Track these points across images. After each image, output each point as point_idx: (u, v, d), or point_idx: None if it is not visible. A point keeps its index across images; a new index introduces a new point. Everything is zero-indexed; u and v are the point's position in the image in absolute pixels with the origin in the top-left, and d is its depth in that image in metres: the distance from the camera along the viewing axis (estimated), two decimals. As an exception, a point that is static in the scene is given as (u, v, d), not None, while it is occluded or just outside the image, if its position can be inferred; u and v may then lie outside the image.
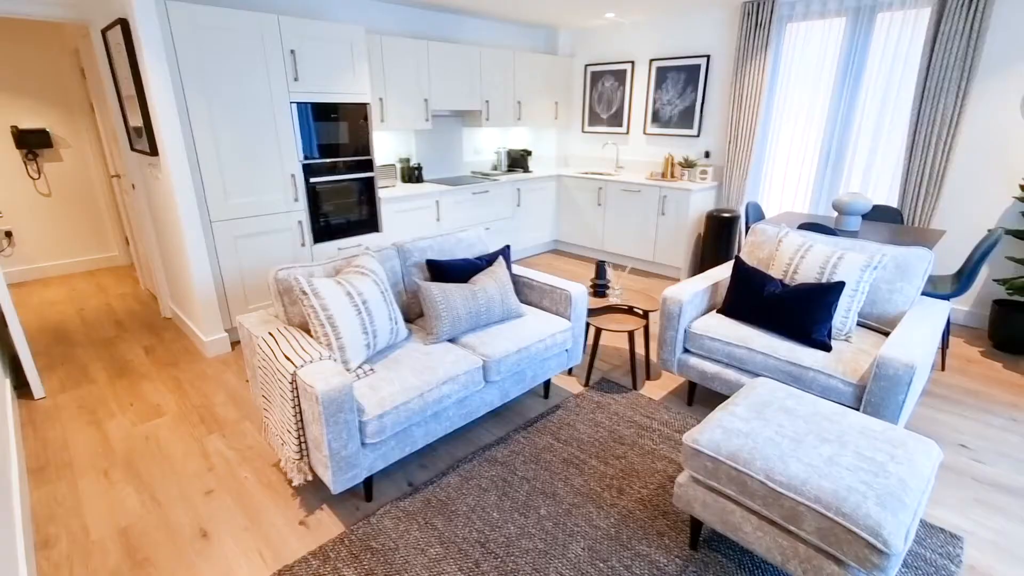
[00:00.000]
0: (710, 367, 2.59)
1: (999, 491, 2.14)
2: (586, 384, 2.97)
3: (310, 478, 2.00)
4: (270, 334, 2.08)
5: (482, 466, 2.30)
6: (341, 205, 3.78)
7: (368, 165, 3.84)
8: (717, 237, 4.63)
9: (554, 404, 2.78)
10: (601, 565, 1.80)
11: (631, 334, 2.82)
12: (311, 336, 2.14)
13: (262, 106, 3.21)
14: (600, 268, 3.15)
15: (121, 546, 1.89)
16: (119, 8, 2.89)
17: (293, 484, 2.15)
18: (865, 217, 3.86)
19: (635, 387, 2.94)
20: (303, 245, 3.61)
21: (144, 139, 3.16)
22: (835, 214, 4.21)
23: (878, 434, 1.69)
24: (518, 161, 5.51)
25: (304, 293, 2.02)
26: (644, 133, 5.43)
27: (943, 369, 3.14)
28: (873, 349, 2.32)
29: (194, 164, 3.04)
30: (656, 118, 5.30)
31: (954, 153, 3.67)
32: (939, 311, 2.42)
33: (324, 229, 3.73)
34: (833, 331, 2.40)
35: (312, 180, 3.57)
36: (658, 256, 4.97)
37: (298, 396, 1.88)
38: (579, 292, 2.70)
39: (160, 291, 3.87)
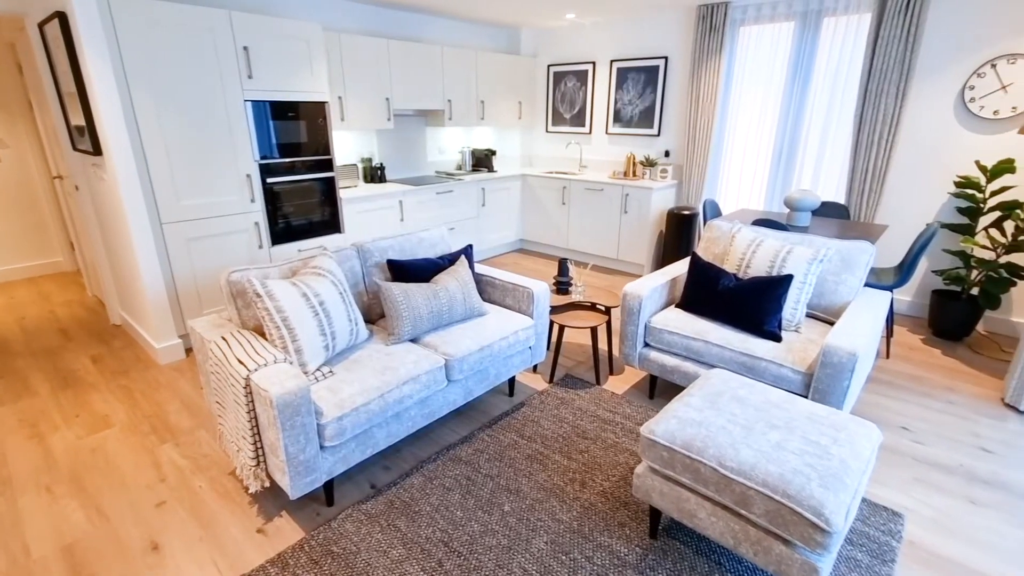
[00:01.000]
0: (669, 360, 2.65)
1: (937, 470, 2.27)
2: (550, 381, 3.00)
3: (267, 484, 1.95)
4: (223, 338, 2.02)
5: (446, 465, 2.29)
6: (301, 206, 3.70)
7: (328, 165, 3.77)
8: (678, 234, 4.75)
9: (519, 401, 2.80)
10: (563, 558, 1.82)
11: (594, 330, 2.86)
12: (266, 339, 2.08)
13: (214, 104, 3.12)
14: (563, 266, 3.18)
15: (65, 564, 1.80)
16: (57, 1, 2.75)
17: (250, 492, 2.10)
18: (815, 213, 4.02)
19: (598, 382, 2.98)
20: (261, 247, 3.51)
21: (87, 138, 3.02)
22: (787, 210, 4.38)
23: (823, 419, 1.77)
24: (482, 161, 5.51)
25: (258, 295, 1.97)
26: (606, 133, 5.51)
27: (888, 357, 3.31)
28: (821, 339, 2.43)
29: (141, 164, 2.93)
30: (618, 118, 5.39)
31: (895, 151, 3.86)
32: (881, 301, 2.55)
33: (283, 231, 3.64)
34: (783, 322, 2.50)
35: (269, 180, 3.48)
36: (622, 253, 5.06)
37: (252, 401, 1.83)
38: (541, 290, 2.72)
39: (108, 297, 3.71)
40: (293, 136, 3.55)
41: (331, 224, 3.89)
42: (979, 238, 3.60)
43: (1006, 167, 3.23)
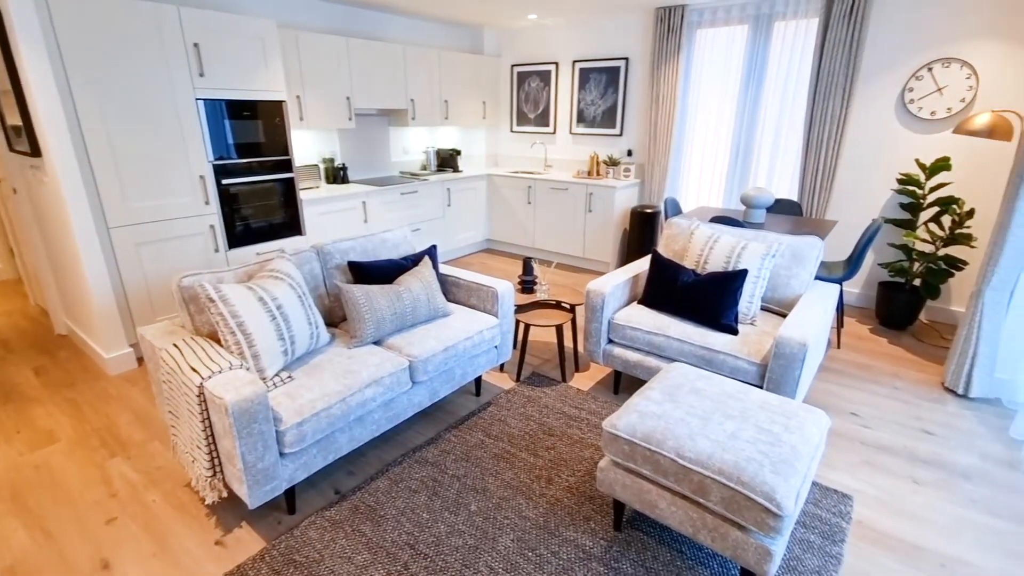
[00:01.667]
0: (632, 356, 2.70)
1: (883, 453, 2.39)
2: (517, 379, 3.02)
3: (225, 495, 1.90)
4: (174, 345, 1.95)
5: (412, 468, 2.28)
6: (259, 208, 3.60)
7: (287, 165, 3.68)
8: (641, 232, 4.84)
9: (485, 401, 2.80)
10: (530, 554, 1.84)
11: (559, 328, 2.89)
12: (222, 346, 2.02)
13: (164, 103, 3.00)
14: (527, 265, 3.20)
15: (5, 588, 1.71)
16: (-14, -7, 2.60)
17: (207, 503, 2.03)
18: (770, 210, 4.17)
19: (564, 379, 3.01)
20: (217, 251, 3.40)
21: (24, 138, 2.86)
22: (744, 208, 4.52)
23: (776, 408, 1.84)
24: (448, 161, 5.48)
25: (211, 300, 1.91)
26: (570, 133, 5.57)
27: (838, 346, 3.46)
28: (774, 331, 2.52)
29: (85, 165, 2.79)
30: (581, 118, 5.45)
31: (843, 150, 4.04)
32: (829, 293, 2.67)
33: (241, 233, 3.54)
34: (739, 316, 2.58)
35: (225, 182, 3.38)
36: (587, 252, 5.12)
37: (207, 409, 1.78)
38: (505, 289, 2.73)
39: (52, 306, 3.52)
40: (250, 136, 3.45)
41: (291, 226, 3.80)
42: (920, 232, 3.80)
43: (943, 165, 3.42)
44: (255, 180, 3.53)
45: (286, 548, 1.85)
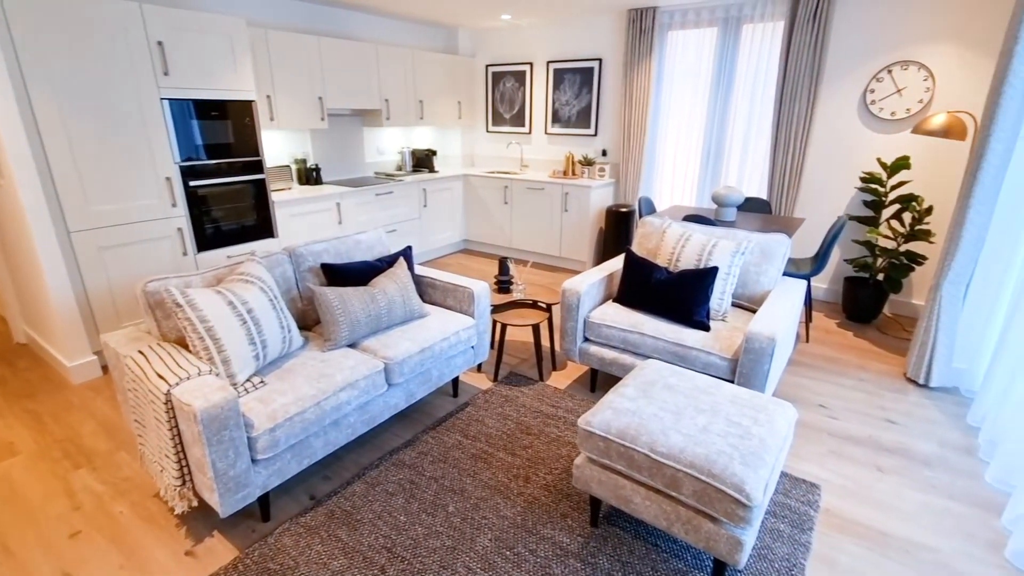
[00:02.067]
0: (608, 353, 2.73)
1: (849, 443, 2.47)
2: (495, 379, 3.02)
3: (195, 504, 1.85)
4: (140, 352, 1.89)
5: (389, 470, 2.26)
6: (229, 210, 3.52)
7: (257, 166, 3.61)
8: (617, 231, 4.89)
9: (463, 402, 2.80)
10: (508, 553, 1.84)
11: (535, 327, 2.90)
12: (190, 351, 1.98)
13: (127, 103, 2.91)
14: (503, 265, 3.21)
15: (-40, 609, 1.64)
16: (-67, -13, 2.48)
17: (176, 513, 1.98)
18: (740, 208, 4.26)
19: (542, 378, 3.03)
20: (185, 254, 3.32)
21: (-23, 139, 2.74)
22: (715, 206, 4.61)
23: (746, 401, 1.89)
24: (423, 161, 5.45)
25: (178, 305, 1.87)
26: (546, 133, 5.60)
27: (807, 340, 3.56)
28: (745, 326, 2.58)
29: (44, 168, 2.69)
30: (556, 118, 5.48)
31: (809, 150, 4.16)
32: (797, 289, 2.74)
33: (211, 236, 3.46)
34: (711, 312, 2.63)
35: (193, 184, 3.29)
36: (564, 251, 5.15)
37: (174, 417, 1.73)
38: (481, 289, 2.73)
39: (11, 314, 3.39)
40: (218, 137, 3.37)
41: (263, 228, 3.73)
42: (883, 229, 3.94)
43: (903, 164, 3.55)
44: (224, 182, 3.45)
45: (260, 556, 1.82)
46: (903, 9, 3.60)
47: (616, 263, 3.15)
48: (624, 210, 4.83)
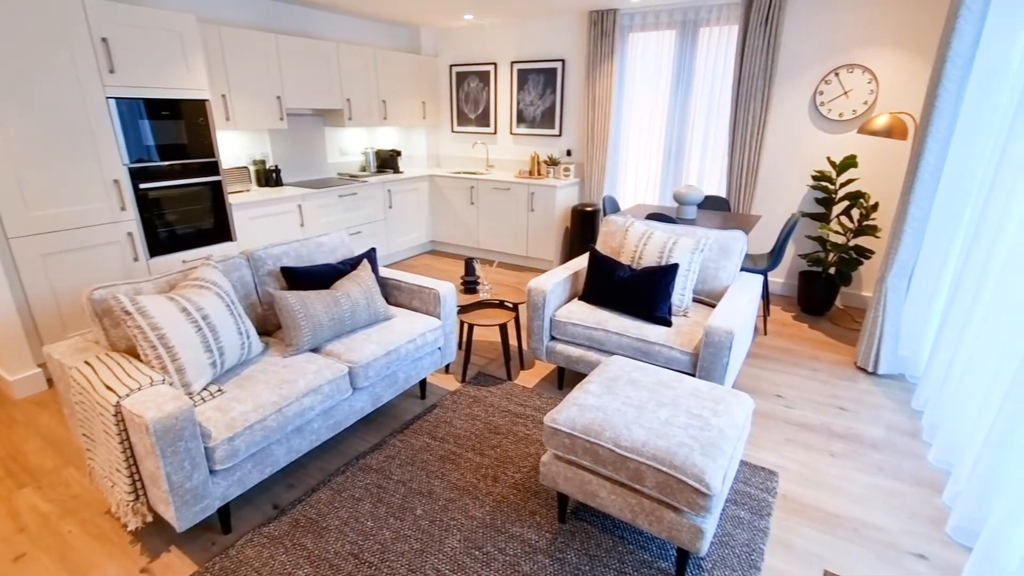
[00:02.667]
0: (574, 351, 2.77)
1: (804, 430, 2.58)
2: (463, 380, 3.01)
3: (150, 519, 1.78)
4: (86, 363, 1.81)
5: (356, 476, 2.23)
6: (184, 213, 3.40)
7: (213, 168, 3.49)
8: (583, 230, 4.95)
9: (431, 403, 2.78)
10: (476, 553, 1.85)
11: (502, 327, 2.91)
12: (141, 361, 1.90)
13: (69, 102, 2.77)
14: (469, 265, 3.21)
15: None
16: None
17: (130, 529, 1.90)
18: (701, 206, 4.38)
19: (510, 378, 3.04)
20: (137, 260, 3.18)
21: (-100, 140, 2.56)
22: (676, 205, 4.72)
23: (705, 394, 1.94)
24: (388, 162, 5.39)
25: (127, 313, 1.79)
26: (511, 133, 5.61)
27: (765, 333, 3.69)
28: (705, 321, 2.65)
29: (-23, 170, 2.54)
30: (521, 118, 5.50)
31: (764, 149, 4.31)
32: (754, 284, 2.84)
33: (165, 241, 3.33)
34: (673, 308, 2.70)
35: (143, 186, 3.16)
36: (531, 250, 5.18)
37: (125, 430, 1.66)
38: (447, 290, 2.72)
39: (-56, 326, 3.17)
40: (171, 137, 3.25)
41: (220, 232, 3.62)
42: (833, 225, 4.11)
43: (850, 162, 3.72)
44: (178, 184, 3.33)
45: (220, 570, 1.77)
46: (848, 15, 3.77)
47: (581, 262, 3.19)
48: (589, 209, 4.89)
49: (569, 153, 5.29)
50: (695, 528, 1.60)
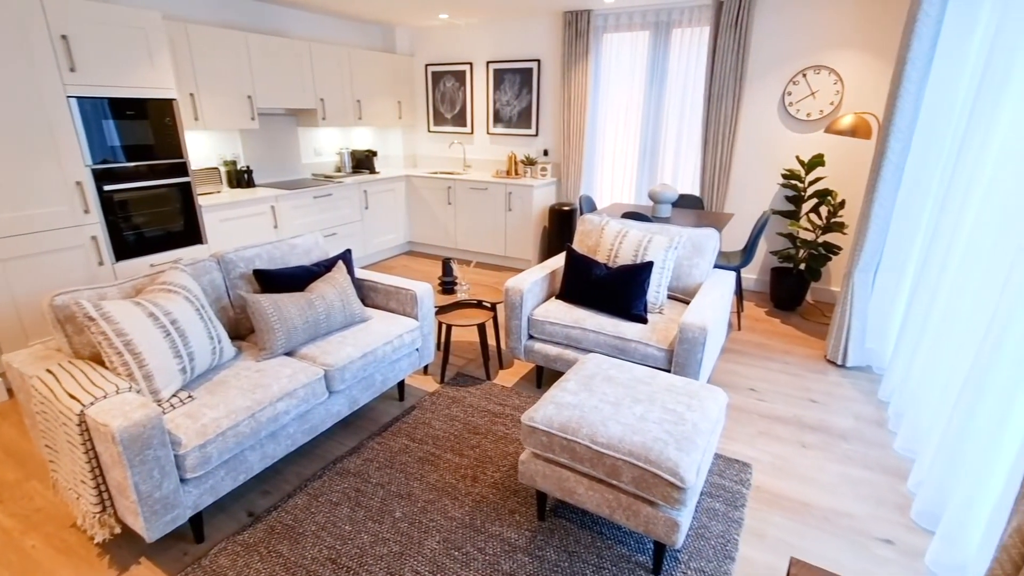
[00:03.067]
0: (552, 350, 2.78)
1: (777, 423, 2.64)
2: (441, 381, 3.00)
3: (118, 531, 1.73)
4: (48, 371, 1.75)
5: (333, 480, 2.20)
6: (152, 215, 3.30)
7: (182, 169, 3.41)
8: (560, 229, 4.98)
9: (410, 405, 2.76)
10: (456, 553, 1.84)
11: (480, 327, 2.91)
12: (106, 368, 1.84)
13: (27, 101, 2.67)
14: (446, 266, 3.20)
15: None
16: None
17: (97, 542, 1.85)
18: (675, 205, 4.45)
19: (489, 378, 3.04)
20: (102, 264, 3.09)
21: None
22: (652, 203, 4.78)
23: (680, 389, 1.98)
24: (363, 162, 5.33)
25: (90, 319, 1.74)
26: (488, 133, 5.61)
27: (739, 328, 3.76)
28: (679, 318, 2.69)
29: (-73, 172, 2.43)
30: (498, 118, 5.51)
31: (736, 148, 4.40)
32: (726, 280, 2.90)
33: (132, 244, 3.23)
34: (648, 305, 2.74)
35: (108, 188, 3.07)
36: (509, 250, 5.19)
37: (90, 439, 1.61)
38: (424, 291, 2.71)
39: None
40: (137, 137, 3.16)
41: (190, 234, 3.53)
42: (803, 222, 4.22)
43: (818, 161, 3.82)
44: (145, 185, 3.24)
45: (193, 580, 1.73)
46: (814, 18, 3.87)
47: (558, 261, 3.21)
48: (567, 208, 4.92)
49: (546, 153, 5.31)
50: (671, 521, 1.62)
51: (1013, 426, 1.60)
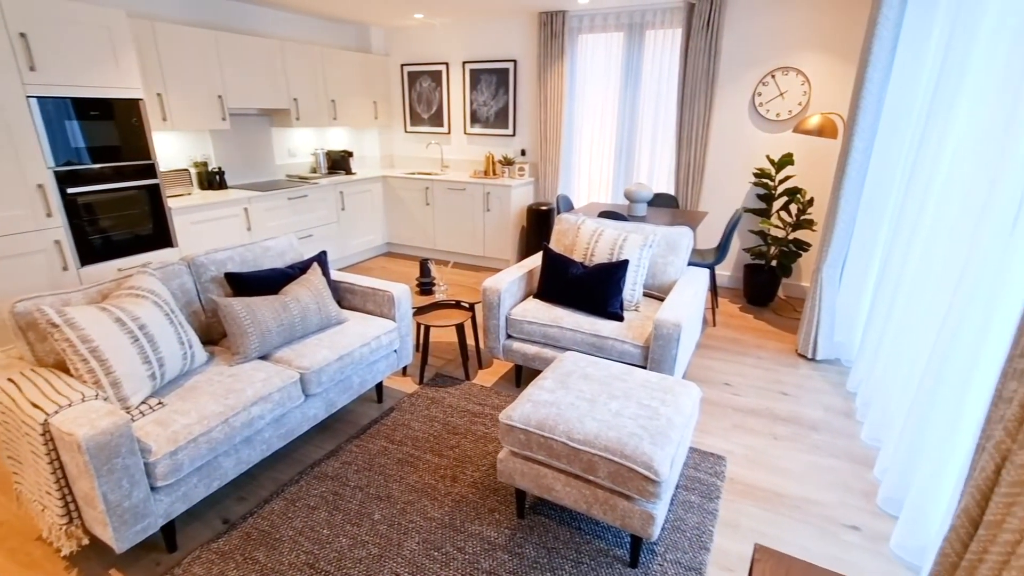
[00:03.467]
0: (531, 349, 2.80)
1: (750, 415, 2.70)
2: (420, 382, 2.99)
3: (87, 542, 1.69)
4: (9, 380, 1.69)
5: (310, 484, 2.18)
6: (119, 218, 3.22)
7: (150, 171, 3.32)
8: (538, 228, 5.00)
9: (388, 407, 2.75)
10: (435, 554, 1.84)
11: (459, 327, 2.91)
12: (72, 376, 1.79)
13: (-17, 101, 2.58)
14: (424, 266, 3.19)
15: None
16: None
17: (64, 555, 1.80)
18: (651, 203, 4.51)
19: (468, 378, 3.04)
20: (66, 269, 2.99)
21: None
22: (627, 202, 4.84)
23: (655, 385, 2.01)
24: (339, 163, 5.27)
25: (53, 325, 1.69)
26: (465, 133, 5.61)
27: (714, 324, 3.84)
28: (655, 314, 2.73)
29: None
30: (475, 118, 5.50)
31: (709, 148, 4.48)
32: (700, 277, 2.95)
33: (99, 248, 3.14)
34: (624, 303, 2.77)
35: (72, 191, 2.98)
36: (487, 250, 5.20)
37: (55, 449, 1.57)
38: (402, 292, 2.70)
39: None
40: (102, 139, 3.07)
41: (160, 238, 3.44)
42: (774, 219, 4.33)
43: (787, 160, 3.92)
44: (111, 188, 3.15)
45: (166, 590, 1.69)
46: (781, 20, 3.97)
47: (535, 260, 3.23)
48: (544, 208, 4.95)
49: (523, 153, 5.33)
50: (646, 514, 1.65)
51: (968, 413, 1.67)
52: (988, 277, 1.58)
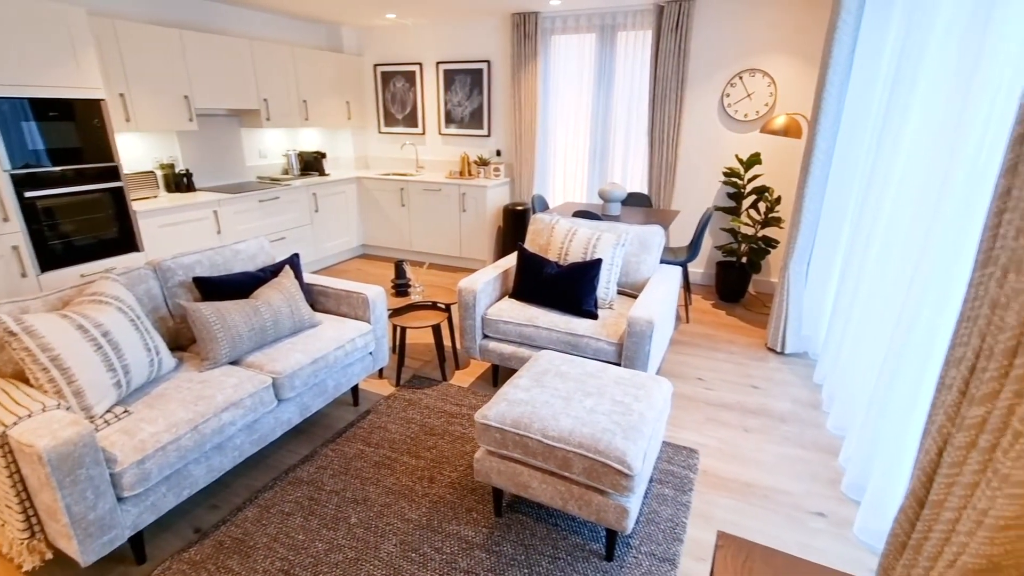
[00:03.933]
0: (507, 348, 2.81)
1: (722, 409, 2.77)
2: (397, 384, 2.98)
3: (50, 556, 1.64)
4: (-36, 392, 1.63)
5: (285, 490, 2.15)
6: (81, 223, 3.12)
7: (113, 173, 3.23)
8: (515, 228, 5.02)
9: (364, 410, 2.73)
10: (413, 555, 1.84)
11: (435, 328, 2.91)
12: (31, 386, 1.74)
13: (-69, 101, 2.47)
14: (399, 268, 3.17)
15: None
16: None
17: (25, 570, 1.74)
18: (624, 203, 4.57)
19: (445, 378, 3.04)
20: (25, 275, 2.89)
21: None
22: (602, 202, 4.90)
23: (628, 381, 2.05)
24: (312, 164, 5.20)
25: (11, 334, 1.63)
26: (440, 133, 5.59)
27: (688, 321, 3.92)
28: (628, 312, 2.78)
29: None
30: (450, 119, 5.49)
31: (680, 148, 4.57)
32: (672, 275, 3.01)
33: (60, 253, 3.04)
34: (598, 301, 2.81)
35: (30, 194, 2.87)
36: (464, 251, 5.19)
37: (14, 462, 1.52)
38: (376, 294, 2.68)
39: None
40: (62, 140, 2.97)
41: (125, 242, 3.35)
42: (743, 217, 4.43)
43: (755, 160, 4.02)
44: (72, 191, 3.05)
45: (135, 602, 1.65)
46: (748, 23, 4.07)
47: (510, 260, 3.24)
48: (520, 208, 4.97)
49: (499, 153, 5.35)
50: (620, 508, 1.68)
51: (923, 402, 1.75)
52: (940, 273, 1.65)
